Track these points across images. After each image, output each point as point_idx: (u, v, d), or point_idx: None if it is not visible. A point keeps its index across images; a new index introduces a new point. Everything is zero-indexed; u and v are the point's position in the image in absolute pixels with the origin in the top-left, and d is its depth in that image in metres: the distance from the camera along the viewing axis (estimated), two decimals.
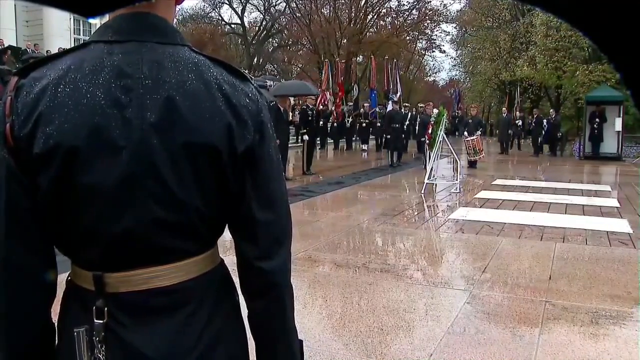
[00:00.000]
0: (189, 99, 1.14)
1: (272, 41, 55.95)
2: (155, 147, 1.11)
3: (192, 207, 1.16)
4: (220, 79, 1.19)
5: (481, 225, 8.32)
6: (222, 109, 1.16)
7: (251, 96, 1.22)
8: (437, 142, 11.99)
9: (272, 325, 1.31)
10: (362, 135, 25.94)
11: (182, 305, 1.20)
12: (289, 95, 14.16)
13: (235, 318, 1.32)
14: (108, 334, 1.15)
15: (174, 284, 1.18)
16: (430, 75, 63.11)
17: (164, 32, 1.18)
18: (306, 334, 4.19)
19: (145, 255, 1.16)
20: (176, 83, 1.14)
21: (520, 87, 36.96)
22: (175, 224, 1.16)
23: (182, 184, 1.14)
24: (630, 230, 8.14)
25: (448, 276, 5.87)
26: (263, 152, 1.22)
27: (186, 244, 1.19)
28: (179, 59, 1.17)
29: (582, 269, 6.14)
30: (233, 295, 1.33)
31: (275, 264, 1.25)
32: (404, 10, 47.35)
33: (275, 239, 1.26)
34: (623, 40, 0.49)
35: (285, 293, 1.30)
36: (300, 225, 8.23)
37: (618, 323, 4.57)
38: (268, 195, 1.24)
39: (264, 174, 1.23)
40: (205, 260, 1.24)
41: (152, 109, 1.11)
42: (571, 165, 20.14)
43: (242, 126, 1.18)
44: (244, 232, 1.25)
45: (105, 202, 1.12)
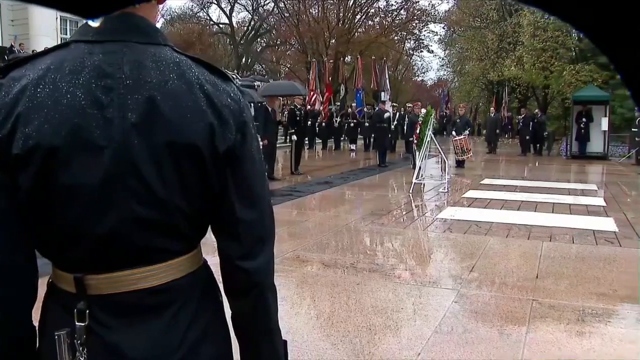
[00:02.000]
0: (170, 98, 1.13)
1: (260, 41, 55.93)
2: (136, 147, 1.10)
3: (175, 207, 1.16)
4: (202, 78, 1.18)
5: (469, 224, 8.35)
6: (204, 109, 1.15)
7: (233, 96, 1.22)
8: (424, 141, 12.02)
9: (255, 325, 1.30)
10: (350, 135, 25.96)
11: (166, 305, 1.19)
12: (278, 95, 14.16)
13: (219, 318, 1.32)
14: (90, 336, 1.14)
15: (158, 284, 1.17)
16: (418, 75, 63.28)
17: (146, 31, 1.18)
18: (294, 334, 4.19)
19: (129, 256, 1.15)
20: (157, 83, 1.13)
21: (507, 87, 37.20)
22: (158, 224, 1.15)
23: (164, 184, 1.13)
24: (616, 228, 8.19)
25: (436, 275, 5.88)
26: (245, 151, 1.22)
27: (169, 245, 1.18)
28: (161, 58, 1.16)
29: (569, 268, 6.18)
30: (217, 296, 1.33)
31: (259, 263, 1.25)
32: (392, 11, 47.46)
33: (258, 238, 1.26)
34: (623, 41, 0.49)
35: (269, 292, 1.29)
36: (288, 225, 8.23)
37: (604, 321, 4.59)
38: (250, 195, 1.24)
39: (246, 173, 1.23)
40: (189, 261, 1.23)
41: (133, 108, 1.11)
42: (558, 164, 20.26)
43: (223, 126, 1.17)
44: (226, 231, 1.25)
45: (86, 203, 1.11)
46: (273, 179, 13.12)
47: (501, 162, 21.15)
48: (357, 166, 17.98)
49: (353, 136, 25.62)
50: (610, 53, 0.52)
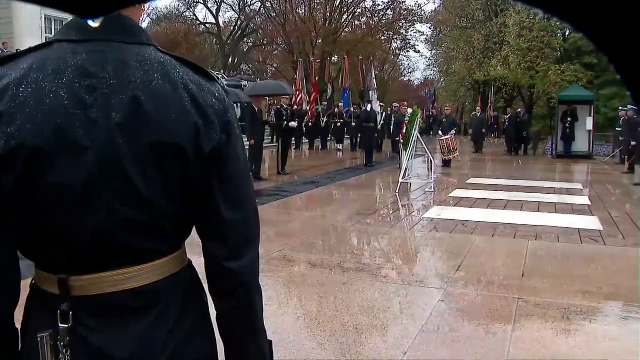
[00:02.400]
0: (154, 98, 1.12)
1: (247, 41, 55.77)
2: (121, 147, 1.10)
3: (160, 207, 1.15)
4: (186, 78, 1.18)
5: (455, 224, 8.38)
6: (188, 109, 1.15)
7: (218, 96, 1.22)
8: (411, 141, 12.04)
9: (241, 326, 1.30)
10: (336, 135, 25.96)
11: (151, 306, 1.18)
12: (264, 95, 14.13)
13: (204, 319, 1.31)
14: (73, 338, 1.13)
15: (142, 285, 1.17)
16: (405, 75, 63.43)
17: (130, 31, 1.17)
18: (281, 334, 4.18)
19: (113, 257, 1.14)
20: (142, 83, 1.12)
21: (494, 86, 37.36)
22: (143, 224, 1.15)
23: (149, 184, 1.13)
24: (601, 227, 8.26)
25: (422, 275, 5.90)
26: (230, 151, 1.21)
27: (154, 245, 1.18)
28: (145, 58, 1.16)
29: (554, 266, 6.22)
30: (202, 296, 1.32)
31: (244, 263, 1.25)
32: (378, 11, 47.48)
33: (244, 238, 1.26)
34: (623, 41, 0.49)
35: (254, 293, 1.29)
36: (275, 225, 8.22)
37: (589, 318, 4.63)
38: (235, 195, 1.24)
39: (231, 173, 1.22)
40: (174, 261, 1.23)
41: (117, 109, 1.10)
42: (544, 163, 20.38)
43: (208, 126, 1.17)
44: (211, 232, 1.24)
45: (71, 203, 1.10)
46: (260, 179, 13.11)
47: (487, 162, 21.25)
48: (344, 166, 18.00)
49: (340, 136, 25.62)
50: (609, 53, 0.51)
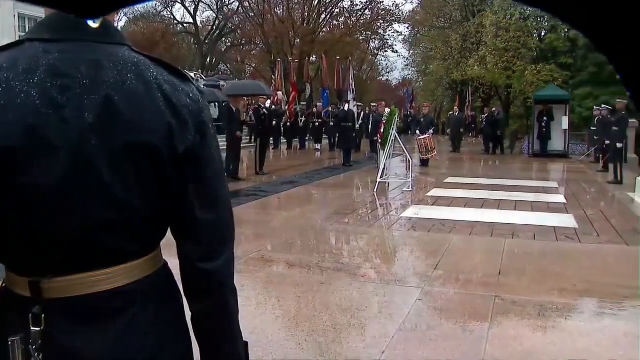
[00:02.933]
0: (128, 99, 1.12)
1: (225, 41, 55.59)
2: (94, 148, 1.09)
3: (134, 208, 1.15)
4: (160, 78, 1.17)
5: (433, 223, 8.42)
6: (162, 109, 1.14)
7: (192, 96, 1.21)
8: (388, 141, 12.08)
9: (216, 327, 1.29)
10: (315, 135, 25.95)
11: (126, 308, 1.17)
12: (242, 95, 14.09)
13: (179, 320, 1.30)
14: (45, 341, 1.12)
15: (116, 287, 1.16)
16: (383, 75, 63.59)
17: (103, 31, 1.16)
18: (259, 334, 4.18)
19: (87, 258, 1.13)
20: (115, 83, 1.11)
21: (471, 86, 37.58)
22: (117, 225, 1.14)
23: (123, 185, 1.12)
24: (576, 225, 8.35)
25: (400, 274, 5.93)
26: (204, 152, 1.21)
27: (129, 246, 1.17)
28: (119, 58, 1.15)
29: (531, 264, 6.28)
30: (177, 297, 1.32)
31: (219, 264, 1.24)
32: (356, 10, 47.70)
33: (219, 239, 1.25)
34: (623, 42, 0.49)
35: (229, 294, 1.29)
36: (253, 225, 8.20)
37: (564, 315, 4.69)
38: (210, 196, 1.23)
39: (206, 174, 1.22)
40: (149, 262, 1.22)
41: (90, 109, 1.09)
42: (521, 162, 20.57)
43: (182, 126, 1.16)
44: (186, 233, 1.24)
45: (44, 204, 1.09)
46: (238, 179, 13.07)
47: (465, 161, 21.38)
48: (322, 166, 18.00)
49: (318, 136, 25.62)
50: (609, 53, 0.52)
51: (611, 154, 14.43)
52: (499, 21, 31.68)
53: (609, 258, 6.57)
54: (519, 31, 31.77)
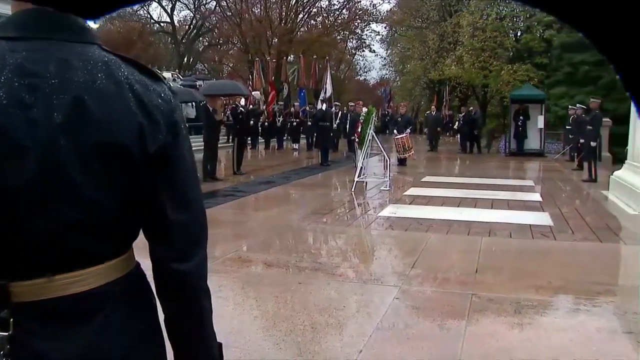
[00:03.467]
0: (98, 98, 1.10)
1: (202, 40, 55.27)
2: (63, 148, 1.07)
3: (105, 209, 1.13)
4: (131, 78, 1.16)
5: (410, 222, 8.45)
6: (133, 109, 1.13)
7: (164, 96, 1.20)
8: (366, 140, 12.10)
9: (189, 329, 1.28)
10: (293, 135, 25.93)
11: (98, 310, 1.15)
12: (219, 95, 14.02)
13: (152, 323, 1.29)
14: (14, 346, 1.09)
15: (88, 289, 1.14)
16: (360, 75, 63.68)
17: (73, 29, 1.14)
18: (236, 334, 4.16)
19: (57, 261, 1.11)
20: (85, 82, 1.10)
21: (448, 85, 37.81)
22: (88, 226, 1.12)
23: (94, 186, 1.10)
24: (552, 223, 8.45)
25: (378, 273, 5.94)
26: (176, 152, 1.20)
27: (100, 248, 1.16)
28: (88, 57, 1.13)
29: (507, 262, 6.34)
30: (150, 299, 1.30)
31: (192, 265, 1.23)
32: (334, 10, 47.75)
33: (191, 240, 1.24)
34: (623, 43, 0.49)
35: (203, 295, 1.28)
36: (230, 225, 8.18)
37: (539, 312, 4.74)
38: (183, 196, 1.22)
39: (178, 174, 1.21)
40: (121, 264, 1.20)
41: (59, 109, 1.07)
42: (497, 161, 20.74)
43: (154, 126, 1.15)
44: (158, 233, 1.22)
45: (13, 206, 1.07)
46: (215, 179, 13.02)
47: (442, 160, 21.53)
48: (300, 165, 17.99)
49: (296, 135, 25.60)
50: (609, 53, 0.52)
51: (585, 153, 14.61)
52: (476, 21, 31.88)
53: (583, 255, 6.65)
54: (495, 31, 32.00)
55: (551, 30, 30.18)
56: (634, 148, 10.73)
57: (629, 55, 0.50)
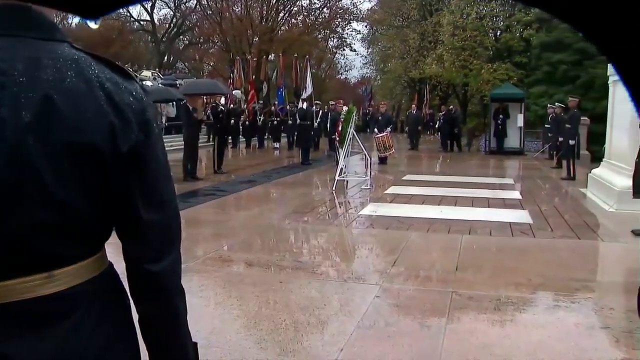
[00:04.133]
0: (68, 97, 1.08)
1: (182, 39, 55.01)
2: (32, 148, 1.05)
3: (76, 209, 1.11)
4: (102, 76, 1.13)
5: (391, 220, 8.48)
6: (104, 108, 1.11)
7: (135, 94, 1.18)
8: (346, 139, 12.11)
9: (164, 329, 1.27)
10: (273, 134, 25.88)
11: (69, 312, 1.13)
12: (200, 94, 13.96)
13: (125, 323, 1.27)
14: None
15: (58, 291, 1.11)
16: (341, 73, 63.74)
17: (41, 26, 1.12)
18: (217, 334, 4.15)
19: (27, 262, 1.09)
20: (54, 81, 1.07)
21: (429, 84, 37.98)
22: (58, 227, 1.10)
23: (64, 185, 1.08)
24: (531, 220, 8.52)
25: (359, 271, 5.95)
26: (148, 151, 1.18)
27: (71, 248, 1.14)
28: (58, 55, 1.11)
29: (487, 259, 6.38)
30: (123, 300, 1.28)
31: (165, 265, 1.22)
32: (315, 9, 47.76)
33: (164, 240, 1.23)
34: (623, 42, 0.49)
35: (177, 295, 1.27)
36: (211, 225, 8.15)
37: (519, 309, 4.78)
38: (155, 196, 1.21)
39: (150, 174, 1.19)
40: (93, 265, 1.18)
41: (27, 108, 1.05)
42: (478, 160, 20.86)
43: (125, 125, 1.13)
44: (131, 233, 1.21)
45: None
46: (196, 179, 12.96)
47: (423, 159, 21.61)
48: (281, 164, 17.97)
49: (277, 134, 25.56)
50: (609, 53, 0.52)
51: (564, 151, 14.75)
52: (456, 20, 32.08)
53: (562, 252, 6.71)
54: (475, 30, 32.23)
55: (530, 29, 30.47)
56: (611, 146, 10.85)
57: (629, 55, 0.51)
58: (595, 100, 23.47)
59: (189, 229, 7.89)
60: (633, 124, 8.67)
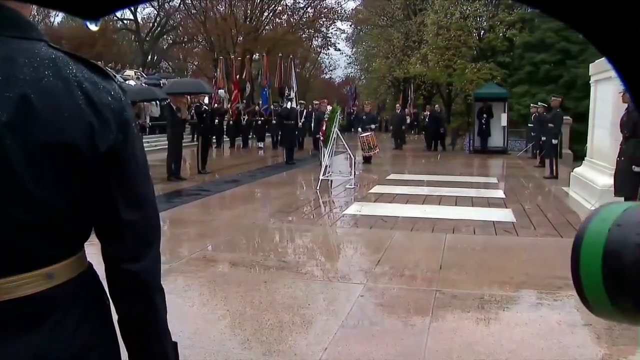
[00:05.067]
0: (45, 97, 1.07)
1: (166, 38, 54.74)
2: (9, 148, 1.03)
3: (54, 210, 1.10)
4: (80, 76, 1.13)
5: (375, 219, 8.49)
6: (82, 107, 1.10)
7: (114, 94, 1.17)
8: (331, 138, 12.12)
9: (143, 329, 1.27)
10: (258, 133, 25.81)
11: (48, 313, 1.12)
12: (183, 93, 13.90)
13: (105, 324, 1.26)
14: None
15: (38, 291, 1.10)
16: (326, 73, 63.80)
17: (18, 25, 1.10)
18: (201, 334, 4.14)
19: (4, 263, 1.08)
20: (31, 80, 1.06)
21: (413, 84, 38.09)
22: (37, 228, 1.09)
23: (43, 186, 1.07)
24: (514, 219, 8.57)
25: (343, 270, 5.96)
26: (127, 151, 1.18)
27: (50, 249, 1.13)
28: (35, 54, 1.09)
29: (471, 258, 6.41)
30: (103, 300, 1.27)
31: (144, 265, 1.21)
32: (299, 8, 47.76)
33: (144, 240, 1.22)
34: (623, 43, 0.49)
35: (156, 295, 1.26)
36: (195, 225, 8.12)
37: (502, 307, 4.80)
38: (134, 196, 1.20)
39: (129, 173, 1.19)
40: (72, 265, 1.17)
41: (4, 107, 1.03)
42: (462, 159, 20.94)
43: (104, 125, 1.12)
44: (110, 233, 1.21)
45: None
46: (180, 179, 12.91)
47: (407, 158, 21.67)
48: (265, 164, 17.94)
49: (261, 134, 25.49)
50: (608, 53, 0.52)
51: (547, 150, 14.85)
52: (440, 20, 32.20)
53: (545, 250, 6.75)
54: (459, 30, 32.38)
55: (513, 29, 30.66)
56: (593, 145, 10.95)
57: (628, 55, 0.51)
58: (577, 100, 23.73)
59: (173, 229, 7.86)
60: (614, 123, 8.75)
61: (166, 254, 6.29)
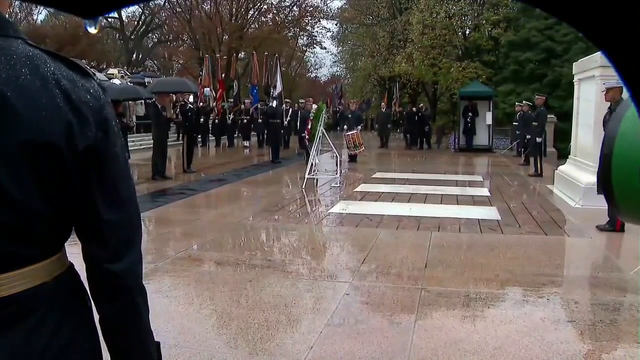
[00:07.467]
0: (22, 95, 1.05)
1: (151, 36, 54.40)
2: None
3: (33, 210, 1.09)
4: (58, 74, 1.11)
5: (361, 217, 8.51)
6: (61, 106, 1.08)
7: (93, 92, 1.15)
8: (316, 137, 12.12)
9: (125, 330, 1.26)
10: (243, 132, 25.75)
11: (27, 314, 1.11)
12: (168, 92, 13.84)
13: (86, 325, 1.25)
14: None
15: (17, 292, 1.09)
16: (312, 72, 63.71)
17: None
18: (186, 334, 4.12)
19: None
20: (7, 78, 1.05)
21: (399, 82, 38.12)
22: (15, 227, 1.08)
23: (20, 186, 1.06)
24: (499, 217, 8.62)
25: (329, 269, 5.96)
26: (107, 150, 1.16)
27: (29, 249, 1.11)
28: (11, 52, 1.08)
29: (456, 256, 6.44)
30: (84, 301, 1.26)
31: (125, 265, 1.20)
32: (285, 7, 47.65)
33: (124, 240, 1.21)
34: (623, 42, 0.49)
35: (138, 295, 1.25)
36: (180, 224, 8.08)
37: (487, 304, 4.83)
38: (115, 195, 1.19)
39: (109, 172, 1.17)
40: (52, 266, 1.16)
41: None
42: (447, 157, 21.04)
43: (82, 123, 1.11)
44: (91, 233, 1.19)
45: None
46: (165, 178, 12.86)
47: (393, 156, 21.70)
48: (251, 163, 17.92)
49: (246, 133, 25.44)
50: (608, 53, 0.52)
51: (531, 148, 14.95)
52: (425, 19, 32.24)
53: (529, 248, 6.80)
54: (444, 29, 32.44)
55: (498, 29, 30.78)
56: (577, 144, 11.03)
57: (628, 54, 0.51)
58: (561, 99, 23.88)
59: (158, 228, 7.83)
60: (597, 121, 8.82)
61: (151, 253, 6.27)
